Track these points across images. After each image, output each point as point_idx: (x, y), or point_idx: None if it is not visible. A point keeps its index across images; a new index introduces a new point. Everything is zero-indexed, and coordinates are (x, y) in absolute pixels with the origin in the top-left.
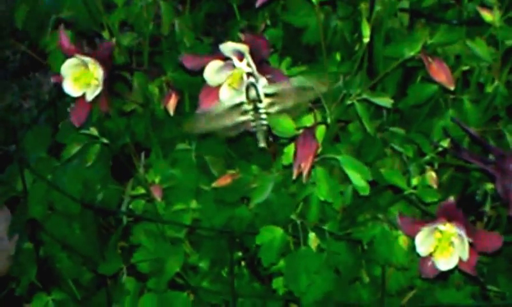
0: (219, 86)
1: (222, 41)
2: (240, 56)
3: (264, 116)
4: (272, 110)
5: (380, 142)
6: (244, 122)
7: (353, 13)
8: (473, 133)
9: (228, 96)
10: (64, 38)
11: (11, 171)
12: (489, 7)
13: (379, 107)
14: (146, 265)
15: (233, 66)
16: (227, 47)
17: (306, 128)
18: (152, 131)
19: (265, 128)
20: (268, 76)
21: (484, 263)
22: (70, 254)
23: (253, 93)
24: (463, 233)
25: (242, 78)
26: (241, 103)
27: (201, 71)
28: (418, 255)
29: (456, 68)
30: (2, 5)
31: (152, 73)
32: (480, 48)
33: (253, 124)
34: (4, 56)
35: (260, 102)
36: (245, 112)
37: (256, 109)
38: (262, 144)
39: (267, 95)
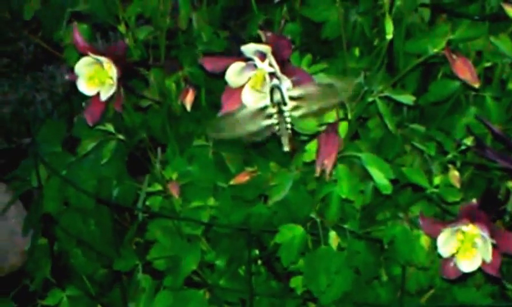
0: (241, 87)
1: (238, 36)
2: (262, 57)
3: (288, 119)
4: (297, 113)
5: (401, 140)
6: (268, 126)
7: (373, 7)
8: (497, 131)
9: (251, 99)
10: (78, 35)
11: (26, 165)
12: None
13: (398, 104)
14: (162, 262)
15: (255, 67)
16: (249, 48)
17: (329, 124)
18: (169, 126)
19: (289, 132)
20: (292, 78)
21: (503, 263)
22: (85, 250)
23: (277, 96)
24: (486, 234)
25: (264, 79)
26: (265, 107)
27: (221, 73)
28: (439, 256)
29: (478, 64)
30: None
31: (168, 68)
32: (503, 44)
33: (277, 127)
34: (17, 48)
35: (285, 104)
36: (269, 116)
37: (280, 112)
38: (287, 148)
39: (292, 98)
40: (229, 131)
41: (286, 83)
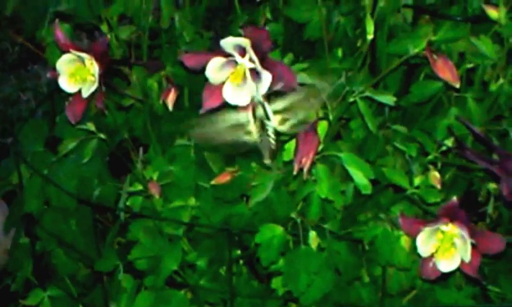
0: (222, 83)
1: (222, 36)
2: (242, 52)
3: (271, 134)
4: (285, 126)
5: (382, 140)
6: (247, 142)
7: (356, 8)
8: (478, 132)
9: (232, 95)
10: (60, 32)
11: (8, 164)
12: (495, 4)
13: (380, 104)
14: (144, 262)
15: (236, 63)
16: (228, 43)
17: (308, 123)
18: (151, 126)
19: (272, 146)
20: (272, 72)
21: (485, 264)
22: (67, 250)
23: (260, 111)
24: (465, 234)
25: (245, 74)
26: (246, 124)
27: (201, 68)
28: (419, 256)
29: (460, 65)
30: None
31: (150, 68)
32: (485, 45)
33: (258, 141)
34: (2, 48)
35: (268, 119)
36: (249, 133)
37: (263, 127)
38: (268, 161)
39: (276, 112)
40: (207, 138)
41: (266, 76)
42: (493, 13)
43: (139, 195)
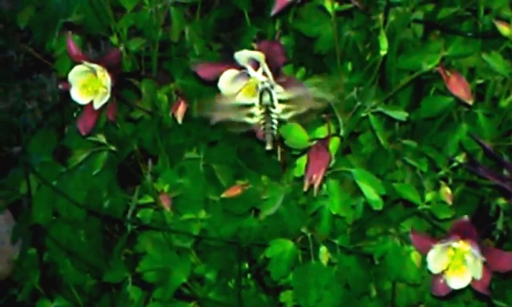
0: (234, 95)
1: (231, 48)
2: (256, 65)
3: (275, 121)
4: (286, 116)
5: (392, 155)
6: (248, 123)
7: (366, 22)
8: (489, 148)
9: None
10: (72, 43)
11: (15, 174)
12: (506, 20)
13: (390, 119)
14: (152, 275)
15: (248, 76)
16: (242, 56)
17: (319, 139)
18: (160, 138)
19: (274, 132)
20: (285, 86)
21: (493, 279)
22: (74, 261)
23: (266, 98)
24: (476, 251)
25: (257, 87)
26: (251, 105)
27: (213, 80)
28: (429, 272)
29: (470, 81)
30: (7, 3)
31: (160, 80)
32: (496, 61)
33: (262, 127)
34: (7, 56)
35: (274, 107)
36: (251, 116)
37: (268, 113)
38: (269, 147)
39: (281, 101)
40: (216, 112)
41: (278, 89)
42: (504, 29)
43: (149, 207)
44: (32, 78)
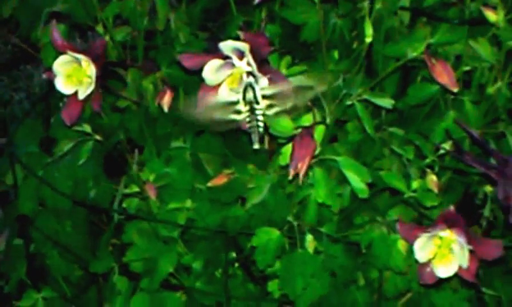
0: (218, 85)
1: (217, 37)
2: (240, 55)
3: (260, 117)
4: (270, 112)
5: (379, 143)
6: (235, 121)
7: (352, 10)
8: (476, 135)
9: (226, 97)
10: (57, 33)
11: (1, 165)
12: (493, 7)
13: (377, 107)
14: (139, 264)
15: (233, 66)
16: (227, 46)
17: (304, 127)
18: (146, 128)
19: (261, 129)
20: (268, 76)
21: (481, 267)
22: (61, 252)
23: (250, 94)
24: (463, 240)
25: (241, 77)
26: (236, 102)
27: (198, 69)
28: (416, 261)
29: (457, 68)
30: None
31: (146, 69)
32: (482, 48)
33: (248, 125)
34: None
35: (258, 103)
36: (238, 112)
37: (252, 110)
38: (257, 146)
39: (265, 97)
40: (198, 116)
41: (262, 80)
42: (491, 15)
43: (135, 197)
44: (20, 69)
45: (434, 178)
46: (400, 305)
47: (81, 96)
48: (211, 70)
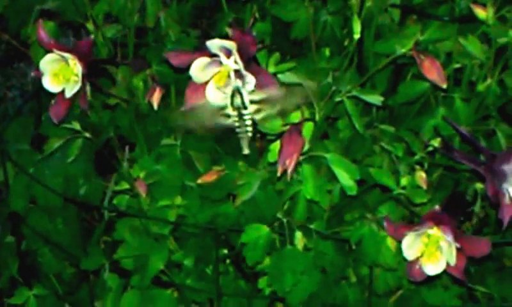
0: (206, 83)
1: (209, 35)
2: (228, 53)
3: (248, 122)
4: (259, 116)
5: (369, 140)
6: (224, 124)
7: (343, 7)
8: (465, 133)
9: (214, 95)
10: (43, 32)
11: None
12: (482, 4)
13: (367, 104)
14: (130, 262)
15: (220, 63)
16: (214, 44)
17: (292, 124)
18: (137, 125)
19: (249, 134)
20: (256, 76)
21: (472, 264)
22: (52, 249)
23: (237, 100)
24: (450, 238)
25: (229, 76)
26: (225, 107)
27: (187, 67)
28: (405, 259)
29: (447, 65)
30: None
31: (136, 66)
32: (472, 45)
33: (237, 130)
34: None
35: (245, 108)
36: (228, 117)
37: (240, 116)
38: (246, 151)
39: (253, 102)
40: (187, 121)
41: (249, 78)
42: (480, 13)
43: (125, 194)
44: (14, 67)
45: (422, 174)
46: (391, 302)
47: (68, 94)
48: (198, 68)
